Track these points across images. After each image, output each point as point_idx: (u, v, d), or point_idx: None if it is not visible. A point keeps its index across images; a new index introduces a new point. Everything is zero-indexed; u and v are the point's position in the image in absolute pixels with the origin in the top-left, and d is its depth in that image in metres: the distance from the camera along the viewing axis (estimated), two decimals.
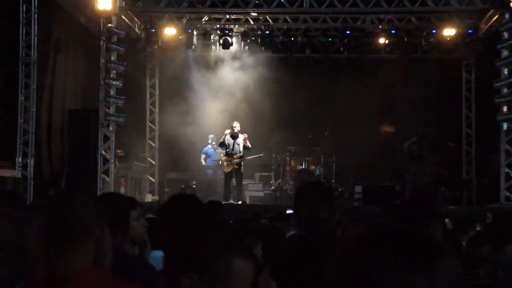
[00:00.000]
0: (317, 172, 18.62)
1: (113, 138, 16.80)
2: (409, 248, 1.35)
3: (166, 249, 2.48)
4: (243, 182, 17.92)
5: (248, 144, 17.07)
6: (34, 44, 16.09)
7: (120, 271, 3.03)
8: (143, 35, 19.09)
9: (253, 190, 18.84)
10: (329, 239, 3.65)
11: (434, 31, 18.77)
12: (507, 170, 16.51)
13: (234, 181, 17.20)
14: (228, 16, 18.74)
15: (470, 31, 18.33)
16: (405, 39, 18.88)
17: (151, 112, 21.31)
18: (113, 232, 3.67)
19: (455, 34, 18.32)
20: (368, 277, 1.32)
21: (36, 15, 16.04)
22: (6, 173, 15.47)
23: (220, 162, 17.41)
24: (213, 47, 19.97)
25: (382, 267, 1.32)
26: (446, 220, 9.82)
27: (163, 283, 2.37)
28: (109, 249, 3.04)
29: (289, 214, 7.98)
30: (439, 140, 19.55)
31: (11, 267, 2.77)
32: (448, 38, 18.44)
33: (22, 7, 16.00)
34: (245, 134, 17.16)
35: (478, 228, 9.19)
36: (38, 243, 3.08)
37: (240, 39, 19.65)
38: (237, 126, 17.08)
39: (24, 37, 16.07)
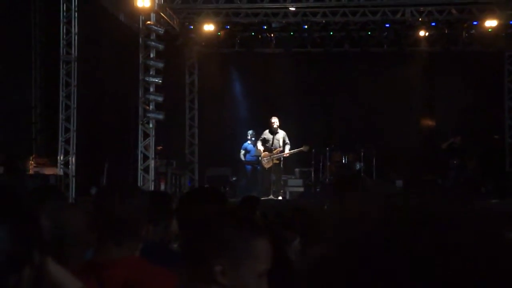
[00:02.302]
0: (357, 167, 18.50)
1: (153, 135, 16.87)
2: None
3: (188, 241, 2.47)
4: (283, 178, 17.89)
5: (287, 140, 17.04)
6: (74, 42, 16.25)
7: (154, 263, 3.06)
8: (181, 31, 19.14)
9: (293, 185, 18.78)
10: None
11: (475, 23, 18.50)
12: None
13: (273, 176, 17.16)
14: (266, 11, 18.69)
15: None
16: (446, 31, 18.67)
17: (191, 109, 21.39)
18: (154, 226, 3.72)
19: (496, 26, 18.01)
20: None
21: (76, 14, 16.20)
22: (49, 171, 15.67)
23: (260, 157, 17.38)
24: (251, 42, 19.88)
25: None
26: None
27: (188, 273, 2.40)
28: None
29: None
30: (483, 132, 19.29)
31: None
32: (490, 30, 18.14)
33: (63, 6, 16.17)
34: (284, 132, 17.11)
35: None
36: (78, 236, 3.15)
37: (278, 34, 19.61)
38: (275, 121, 17.02)
39: (64, 36, 16.23)
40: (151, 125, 16.87)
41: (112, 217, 2.93)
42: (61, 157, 16.11)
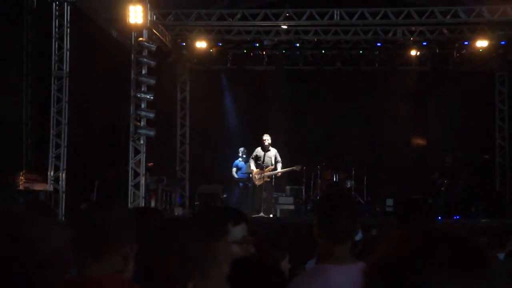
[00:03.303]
0: (348, 185, 18.51)
1: (143, 151, 16.85)
2: (462, 256, 1.28)
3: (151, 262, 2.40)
4: (274, 195, 17.88)
5: (278, 158, 17.05)
6: (66, 58, 16.21)
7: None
8: (174, 48, 19.16)
9: (284, 203, 18.75)
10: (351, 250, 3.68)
11: (466, 43, 18.61)
12: None
13: (264, 194, 17.14)
14: (258, 29, 18.75)
15: (503, 42, 18.11)
16: (437, 51, 18.76)
17: (182, 126, 21.38)
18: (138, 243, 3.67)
19: (487, 46, 18.10)
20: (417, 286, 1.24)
21: (68, 30, 16.18)
22: (39, 186, 15.57)
23: (251, 175, 17.36)
24: (243, 60, 19.91)
25: (434, 277, 1.24)
26: None
27: None
28: (132, 259, 3.03)
29: None
30: (473, 153, 19.34)
31: None
32: (481, 50, 18.23)
33: (55, 21, 16.14)
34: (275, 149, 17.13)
35: None
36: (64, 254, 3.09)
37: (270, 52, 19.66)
38: (267, 139, 17.03)
39: (56, 51, 16.20)
40: (142, 142, 16.83)
41: (91, 232, 2.88)
42: (52, 173, 16.03)
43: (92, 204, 3.34)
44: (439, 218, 16.64)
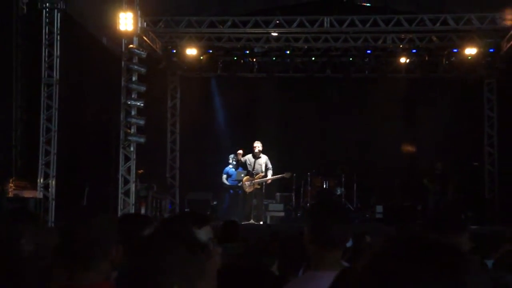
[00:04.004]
0: (338, 192, 18.55)
1: (134, 158, 16.84)
2: (439, 260, 1.32)
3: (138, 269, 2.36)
4: (264, 202, 17.87)
5: (269, 165, 17.04)
6: (56, 65, 16.17)
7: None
8: (164, 55, 19.17)
9: (274, 210, 18.75)
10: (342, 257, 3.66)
11: (455, 50, 18.69)
12: None
13: (255, 201, 17.13)
14: (248, 36, 18.78)
15: (492, 50, 18.20)
16: (426, 58, 18.84)
17: (172, 133, 21.38)
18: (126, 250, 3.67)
19: (476, 53, 18.20)
20: None
21: (58, 37, 16.15)
22: (28, 193, 15.52)
23: (242, 182, 17.35)
24: (233, 67, 19.92)
25: (413, 282, 1.28)
26: None
27: None
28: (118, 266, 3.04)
29: None
30: (462, 160, 19.41)
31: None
32: (470, 57, 18.31)
33: (45, 28, 16.10)
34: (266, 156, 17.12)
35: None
36: (51, 261, 3.12)
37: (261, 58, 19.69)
38: (258, 146, 17.00)
39: (46, 58, 16.16)
40: (132, 149, 16.84)
41: (77, 241, 2.90)
42: (41, 180, 15.98)
43: (77, 212, 3.33)
44: None
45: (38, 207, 15.06)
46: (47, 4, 15.94)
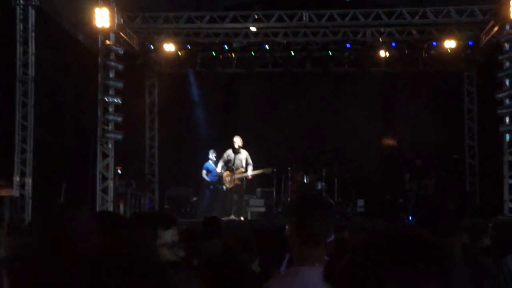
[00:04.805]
0: (319, 187, 18.45)
1: (112, 155, 16.68)
2: (421, 254, 1.33)
3: None
4: (245, 198, 17.74)
5: (249, 160, 16.89)
6: (31, 62, 15.92)
7: None
8: (141, 51, 18.98)
9: (255, 205, 18.64)
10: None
11: (434, 44, 18.66)
12: (510, 181, 16.29)
13: (235, 196, 16.99)
14: (227, 31, 18.63)
15: (471, 43, 18.27)
16: (406, 52, 18.81)
17: (151, 129, 21.19)
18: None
19: (455, 46, 18.22)
20: (378, 285, 1.30)
21: (33, 34, 15.90)
22: (4, 192, 15.30)
23: (222, 177, 17.20)
24: (212, 62, 19.77)
25: (393, 274, 1.30)
26: None
27: None
28: None
29: None
30: (443, 152, 19.40)
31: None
32: (449, 50, 18.33)
33: (19, 25, 15.85)
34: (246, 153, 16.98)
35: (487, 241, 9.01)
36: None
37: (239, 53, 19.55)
38: (237, 141, 16.84)
39: (21, 56, 15.91)
40: (110, 146, 16.68)
41: (57, 239, 2.70)
42: (17, 178, 15.74)
43: (54, 211, 3.20)
44: (410, 218, 16.69)
45: (14, 205, 14.86)
46: (21, 0, 15.69)
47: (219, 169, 17.15)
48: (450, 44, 18.21)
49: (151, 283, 1.46)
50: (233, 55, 19.58)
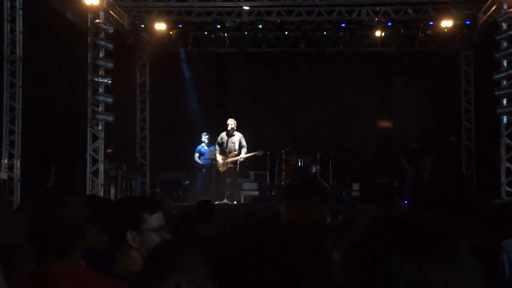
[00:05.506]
0: (314, 170, 18.16)
1: (102, 137, 16.40)
2: (428, 238, 1.31)
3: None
4: (238, 181, 17.43)
5: (244, 142, 16.53)
6: (19, 41, 15.59)
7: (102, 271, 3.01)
8: (132, 30, 18.63)
9: (248, 189, 18.36)
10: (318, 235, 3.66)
11: (431, 23, 18.35)
12: (507, 164, 16.12)
13: (228, 180, 16.68)
14: (219, 10, 18.28)
15: (468, 22, 18.00)
16: (402, 31, 18.51)
17: (142, 111, 20.84)
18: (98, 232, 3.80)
19: (452, 26, 17.94)
20: (385, 271, 1.28)
21: (21, 12, 15.55)
22: None
23: (215, 161, 16.90)
24: (205, 42, 19.44)
25: (401, 259, 1.28)
26: None
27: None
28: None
29: None
30: (440, 134, 19.14)
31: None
32: (446, 30, 18.05)
33: (7, 3, 15.51)
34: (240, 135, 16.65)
35: None
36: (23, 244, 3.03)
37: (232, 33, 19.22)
38: (231, 123, 16.47)
39: (9, 34, 15.58)
40: (100, 127, 16.42)
41: (48, 229, 2.79)
42: (6, 161, 15.45)
43: (45, 194, 3.10)
44: (405, 201, 16.46)
45: (3, 188, 14.58)
46: None
47: (218, 157, 16.64)
48: (447, 23, 17.95)
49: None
50: (226, 35, 19.26)
